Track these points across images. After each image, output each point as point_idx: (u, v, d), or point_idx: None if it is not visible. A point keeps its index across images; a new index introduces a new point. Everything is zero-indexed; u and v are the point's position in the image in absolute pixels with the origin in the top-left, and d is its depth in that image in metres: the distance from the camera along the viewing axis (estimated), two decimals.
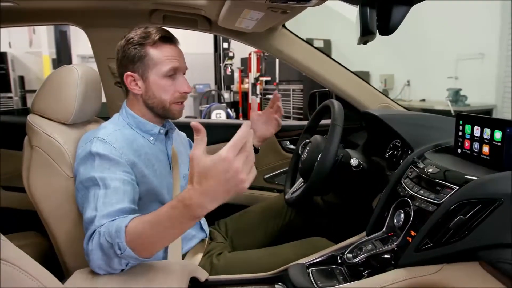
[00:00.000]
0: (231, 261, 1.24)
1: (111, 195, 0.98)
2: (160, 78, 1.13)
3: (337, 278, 1.01)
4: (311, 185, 1.22)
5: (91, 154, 1.03)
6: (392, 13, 0.82)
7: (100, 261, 0.89)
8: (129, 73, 1.14)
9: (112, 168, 1.02)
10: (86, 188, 1.01)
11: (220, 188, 0.73)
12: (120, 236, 0.84)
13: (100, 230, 0.90)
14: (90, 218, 0.95)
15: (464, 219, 0.79)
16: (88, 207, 0.97)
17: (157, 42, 1.12)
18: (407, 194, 1.01)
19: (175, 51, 1.15)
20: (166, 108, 1.16)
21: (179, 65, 1.15)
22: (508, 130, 0.89)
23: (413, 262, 0.87)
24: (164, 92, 1.14)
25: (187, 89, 1.17)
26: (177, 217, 0.79)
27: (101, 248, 0.87)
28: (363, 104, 1.67)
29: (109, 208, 0.96)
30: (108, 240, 0.86)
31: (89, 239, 0.91)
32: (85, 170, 1.03)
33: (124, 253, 0.84)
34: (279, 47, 1.62)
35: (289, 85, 6.37)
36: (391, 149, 1.37)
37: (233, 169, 0.71)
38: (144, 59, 1.12)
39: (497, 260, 0.69)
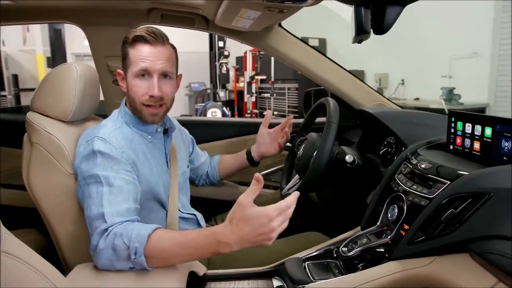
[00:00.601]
0: (228, 256, 1.25)
1: (116, 193, 1.00)
2: (132, 78, 1.13)
3: (332, 271, 1.04)
4: (307, 181, 1.24)
5: (93, 152, 1.05)
6: (386, 13, 0.84)
7: (107, 260, 0.92)
8: (119, 71, 1.19)
9: (114, 167, 1.04)
10: (88, 185, 1.03)
11: (252, 237, 0.84)
12: (141, 242, 0.89)
13: (116, 230, 0.92)
14: (96, 214, 0.97)
15: (455, 212, 0.81)
16: (92, 204, 0.99)
17: (133, 42, 1.12)
18: (400, 189, 1.03)
19: (149, 52, 1.11)
20: (137, 109, 1.15)
21: (150, 65, 1.11)
22: (498, 127, 0.92)
23: (406, 254, 0.90)
24: (134, 93, 1.14)
25: (152, 92, 1.12)
26: (204, 246, 0.88)
27: (113, 248, 0.90)
28: (358, 102, 1.69)
29: (117, 207, 0.98)
30: (125, 242, 0.89)
31: (100, 236, 0.93)
32: (88, 167, 1.04)
33: (136, 259, 0.89)
34: (275, 46, 1.64)
35: (285, 83, 6.40)
36: (385, 146, 1.40)
37: (270, 227, 0.83)
38: (125, 58, 1.15)
39: (486, 251, 0.72)
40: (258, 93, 7.02)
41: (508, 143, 0.88)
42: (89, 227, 0.99)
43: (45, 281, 0.73)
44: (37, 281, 0.72)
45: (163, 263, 0.94)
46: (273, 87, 6.58)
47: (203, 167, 1.57)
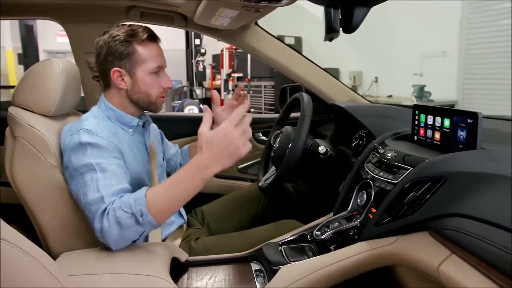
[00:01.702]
0: (209, 244, 1.32)
1: (110, 178, 1.04)
2: (147, 74, 1.20)
3: (307, 254, 1.11)
4: (283, 172, 1.31)
5: (81, 144, 1.08)
6: (354, 13, 0.91)
7: (117, 236, 0.97)
8: (117, 69, 1.19)
9: (104, 155, 1.08)
10: (82, 174, 1.06)
11: (222, 152, 0.93)
12: (142, 203, 0.96)
13: (114, 206, 0.97)
14: (95, 199, 1.01)
15: (416, 195, 0.89)
16: (89, 190, 1.02)
17: (145, 41, 1.19)
18: (369, 177, 1.11)
19: (159, 50, 1.23)
20: (152, 102, 1.24)
21: (163, 62, 1.24)
22: (455, 118, 1.01)
23: (373, 235, 0.98)
24: (150, 88, 1.22)
25: (170, 84, 1.26)
26: (190, 178, 0.96)
27: (118, 222, 0.96)
28: (331, 97, 1.78)
29: (112, 189, 1.02)
30: (127, 211, 0.96)
31: (102, 217, 0.97)
32: (78, 158, 1.07)
33: (145, 219, 0.96)
34: (251, 44, 1.71)
35: (261, 81, 6.47)
36: (356, 139, 1.48)
37: (231, 137, 0.92)
38: (132, 56, 1.18)
39: (441, 228, 0.79)
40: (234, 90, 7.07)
41: (463, 133, 0.97)
42: (89, 213, 1.02)
43: (37, 265, 0.77)
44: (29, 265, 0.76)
45: (167, 212, 1.01)
46: (250, 85, 6.64)
47: (175, 158, 1.61)
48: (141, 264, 0.99)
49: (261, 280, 1.08)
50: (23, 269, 0.67)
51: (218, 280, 1.08)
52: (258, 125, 1.98)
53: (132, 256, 1.06)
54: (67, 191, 1.14)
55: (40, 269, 0.68)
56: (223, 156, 0.93)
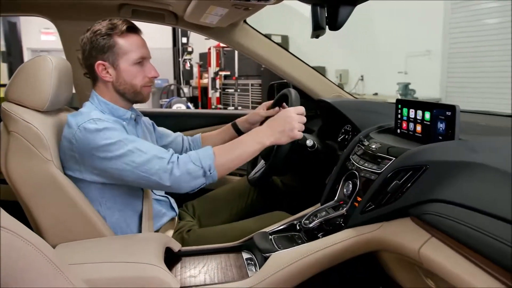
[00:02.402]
0: (201, 235, 1.35)
1: (143, 144, 1.14)
2: (130, 65, 1.23)
3: (296, 242, 1.16)
4: (271, 165, 1.35)
5: (98, 130, 1.12)
6: (339, 12, 0.96)
7: (185, 183, 1.12)
8: (100, 62, 1.23)
9: (124, 133, 1.16)
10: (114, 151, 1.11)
11: (279, 127, 1.17)
12: (211, 159, 1.14)
13: (183, 158, 1.13)
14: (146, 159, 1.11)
15: (399, 183, 0.95)
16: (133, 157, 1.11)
17: (125, 32, 1.22)
18: (354, 168, 1.17)
19: (141, 40, 1.26)
20: (137, 91, 1.27)
21: (146, 53, 1.27)
22: (434, 111, 1.06)
23: (359, 222, 1.03)
24: (134, 78, 1.25)
25: (155, 73, 1.29)
26: (249, 141, 1.18)
27: (188, 172, 1.11)
28: (318, 94, 1.83)
29: (157, 149, 1.14)
30: (197, 164, 1.12)
31: (171, 168, 1.10)
32: (101, 142, 1.11)
33: (212, 173, 1.13)
34: (240, 41, 1.75)
35: (248, 79, 6.51)
36: (342, 133, 1.54)
37: (290, 119, 1.17)
38: (113, 48, 1.22)
39: (421, 213, 0.85)
40: (222, 89, 7.09)
41: (442, 125, 1.03)
42: (144, 173, 1.10)
43: (37, 253, 0.80)
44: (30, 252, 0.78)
45: (228, 169, 1.19)
46: (237, 83, 6.67)
47: (174, 146, 1.60)
48: (136, 253, 1.03)
49: (252, 268, 1.12)
50: (23, 257, 0.68)
51: (211, 268, 1.12)
52: None
53: (128, 246, 1.09)
54: (62, 185, 1.15)
55: (41, 257, 0.69)
56: (279, 132, 1.16)
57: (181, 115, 2.12)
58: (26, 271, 0.66)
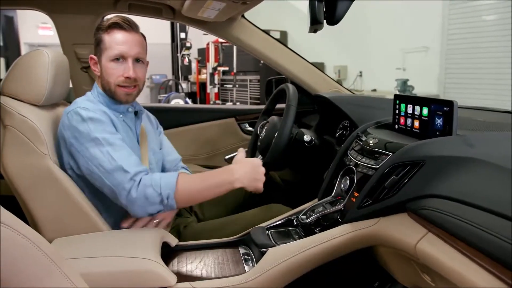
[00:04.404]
0: (198, 230, 1.35)
1: (119, 150, 1.12)
2: (108, 61, 1.22)
3: (293, 237, 1.16)
4: (269, 160, 1.35)
5: (83, 119, 1.13)
6: (337, 6, 0.96)
7: (140, 207, 1.10)
8: (92, 56, 1.26)
9: (107, 129, 1.14)
10: (89, 148, 1.12)
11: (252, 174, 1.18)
12: (172, 189, 1.10)
13: (145, 182, 1.10)
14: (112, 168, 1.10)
15: (396, 178, 0.94)
16: (102, 162, 1.10)
17: (109, 29, 1.21)
18: (352, 163, 1.16)
19: (125, 37, 1.21)
20: (112, 90, 1.24)
21: (126, 50, 1.21)
22: (432, 107, 1.06)
23: (356, 217, 1.03)
24: (109, 75, 1.23)
25: (128, 74, 1.21)
26: (222, 180, 1.16)
27: (145, 196, 1.09)
28: (316, 89, 1.82)
29: (128, 159, 1.12)
30: (156, 190, 1.09)
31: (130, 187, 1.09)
32: (82, 134, 1.12)
33: (169, 203, 1.10)
34: (238, 36, 1.74)
35: (246, 75, 6.50)
36: (340, 129, 1.53)
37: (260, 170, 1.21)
38: (100, 44, 1.22)
39: (419, 208, 0.85)
40: (220, 84, 7.08)
41: (440, 120, 1.03)
42: (110, 181, 1.10)
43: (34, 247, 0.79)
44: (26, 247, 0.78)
45: (189, 202, 1.21)
46: (235, 79, 6.66)
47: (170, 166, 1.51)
48: (133, 248, 1.03)
49: (249, 263, 1.12)
50: (20, 252, 0.68)
51: (208, 263, 1.12)
52: (245, 116, 2.02)
53: (125, 240, 1.09)
54: (58, 179, 1.15)
55: (37, 252, 0.69)
56: (250, 179, 1.18)
57: (179, 110, 2.11)
58: (22, 266, 0.66)
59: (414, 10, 5.05)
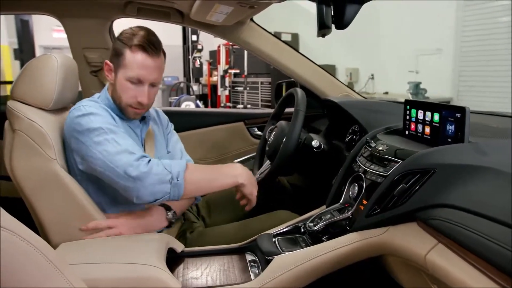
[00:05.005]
0: (204, 235, 1.34)
1: (124, 138, 1.14)
2: (124, 79, 1.21)
3: (300, 244, 1.14)
4: (277, 165, 1.33)
5: (84, 114, 1.14)
6: (345, 10, 0.94)
7: (148, 185, 1.08)
8: (108, 62, 1.25)
9: (109, 121, 1.16)
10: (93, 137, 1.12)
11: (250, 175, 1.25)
12: (182, 168, 1.12)
13: (154, 161, 1.11)
14: (117, 150, 1.10)
15: (406, 187, 0.92)
16: (107, 147, 1.11)
17: (134, 48, 1.18)
18: (361, 170, 1.14)
19: (146, 62, 1.19)
20: (122, 107, 1.25)
21: (145, 76, 1.20)
22: (443, 113, 1.04)
23: (364, 226, 1.01)
24: (122, 92, 1.22)
25: (141, 99, 1.21)
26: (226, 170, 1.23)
27: (155, 173, 1.09)
28: (325, 93, 1.80)
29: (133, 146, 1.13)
30: (167, 169, 1.10)
31: (138, 164, 1.08)
32: (84, 126, 1.13)
33: (179, 182, 1.10)
34: (246, 39, 1.73)
35: (258, 77, 6.48)
36: (350, 134, 1.51)
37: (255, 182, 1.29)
38: (120, 57, 1.20)
39: (429, 218, 0.82)
40: (231, 87, 7.08)
41: (451, 127, 1.00)
42: (112, 164, 1.09)
43: (37, 253, 0.79)
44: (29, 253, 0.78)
45: (195, 188, 1.18)
46: (246, 81, 6.65)
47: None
48: (138, 254, 1.02)
49: (255, 270, 1.10)
50: (23, 257, 0.68)
51: (213, 270, 1.10)
52: (253, 120, 2.01)
53: (130, 246, 1.08)
54: (65, 184, 1.16)
55: (41, 257, 0.69)
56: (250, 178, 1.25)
57: (188, 113, 2.11)
58: (24, 271, 0.66)
59: (427, 12, 4.98)
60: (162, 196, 1.10)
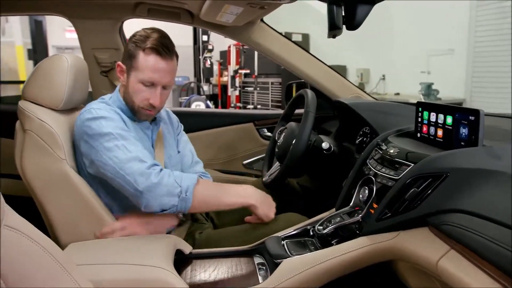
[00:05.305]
0: (212, 237, 1.33)
1: (134, 144, 1.14)
2: (137, 82, 1.21)
3: (309, 248, 1.12)
4: (286, 167, 1.32)
5: (94, 118, 1.14)
6: (357, 11, 0.93)
7: (156, 196, 1.10)
8: (120, 63, 1.25)
9: (119, 125, 1.16)
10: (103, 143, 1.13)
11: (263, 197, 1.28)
12: (193, 182, 1.14)
13: (166, 171, 1.13)
14: (127, 158, 1.10)
15: (417, 191, 0.90)
16: (117, 153, 1.11)
17: (147, 50, 1.18)
18: (371, 173, 1.12)
19: (160, 65, 1.19)
20: (135, 109, 1.25)
21: (158, 79, 1.20)
22: (457, 115, 1.01)
23: (374, 230, 0.99)
24: (134, 94, 1.22)
25: (153, 102, 1.22)
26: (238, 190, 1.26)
27: (165, 184, 1.10)
28: (336, 94, 1.78)
29: (143, 152, 1.13)
30: (177, 181, 1.12)
31: (149, 174, 1.09)
32: (94, 130, 1.14)
33: (187, 196, 1.12)
34: (257, 40, 1.72)
35: (268, 78, 6.47)
36: (360, 136, 1.49)
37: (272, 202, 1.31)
38: (133, 59, 1.20)
39: (441, 223, 0.80)
40: (241, 87, 7.08)
41: (465, 130, 0.98)
42: (122, 171, 1.10)
43: (44, 253, 0.79)
44: (37, 253, 0.78)
45: (203, 203, 1.19)
46: (257, 81, 6.64)
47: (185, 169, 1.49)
48: (146, 255, 1.01)
49: (263, 273, 1.09)
50: (31, 257, 0.68)
51: (221, 272, 1.10)
52: (263, 121, 2.00)
53: (138, 247, 1.08)
54: (75, 184, 1.16)
55: (48, 257, 0.69)
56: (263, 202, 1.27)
57: (197, 114, 2.11)
58: (31, 271, 0.66)
59: (439, 11, 4.92)
60: (169, 208, 1.12)
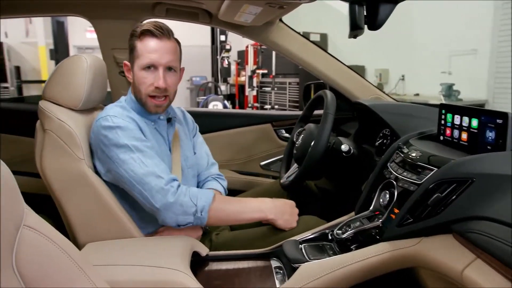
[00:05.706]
0: (229, 239, 1.32)
1: (150, 157, 1.13)
2: (139, 70, 1.20)
3: (327, 252, 1.10)
4: (305, 169, 1.30)
5: (111, 127, 1.14)
6: (379, 10, 0.90)
7: (173, 214, 1.11)
8: (126, 62, 1.26)
9: (136, 136, 1.15)
10: (119, 154, 1.12)
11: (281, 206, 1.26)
12: (208, 202, 1.14)
13: (182, 190, 1.13)
14: (144, 173, 1.10)
15: (441, 196, 0.87)
16: (133, 166, 1.11)
17: (141, 36, 1.18)
18: (392, 177, 1.09)
19: (156, 45, 1.17)
20: (143, 100, 1.23)
21: (157, 59, 1.17)
22: (483, 118, 0.98)
23: (395, 236, 0.96)
24: (140, 84, 1.21)
25: (158, 84, 1.18)
26: (254, 204, 1.25)
27: (181, 204, 1.11)
28: (355, 95, 1.75)
29: (160, 166, 1.13)
30: (193, 201, 1.12)
31: (166, 192, 1.10)
32: (111, 140, 1.14)
33: (202, 215, 1.13)
34: (275, 40, 1.70)
35: (285, 78, 6.44)
36: (381, 138, 1.46)
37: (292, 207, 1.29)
38: (133, 51, 1.21)
39: (466, 231, 0.78)
40: (259, 87, 7.07)
41: (491, 133, 0.94)
42: (139, 185, 1.10)
43: (62, 253, 0.79)
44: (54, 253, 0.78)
45: (220, 220, 1.21)
46: (274, 81, 6.62)
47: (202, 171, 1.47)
48: (162, 257, 1.01)
49: (280, 277, 1.08)
50: (49, 257, 0.69)
51: (238, 275, 1.08)
52: (281, 122, 1.98)
53: (154, 249, 1.08)
54: (93, 184, 1.17)
55: (65, 258, 0.69)
56: (282, 213, 1.25)
57: (215, 114, 2.10)
58: (48, 270, 0.66)
59: (462, 10, 4.81)
60: (185, 224, 1.14)
